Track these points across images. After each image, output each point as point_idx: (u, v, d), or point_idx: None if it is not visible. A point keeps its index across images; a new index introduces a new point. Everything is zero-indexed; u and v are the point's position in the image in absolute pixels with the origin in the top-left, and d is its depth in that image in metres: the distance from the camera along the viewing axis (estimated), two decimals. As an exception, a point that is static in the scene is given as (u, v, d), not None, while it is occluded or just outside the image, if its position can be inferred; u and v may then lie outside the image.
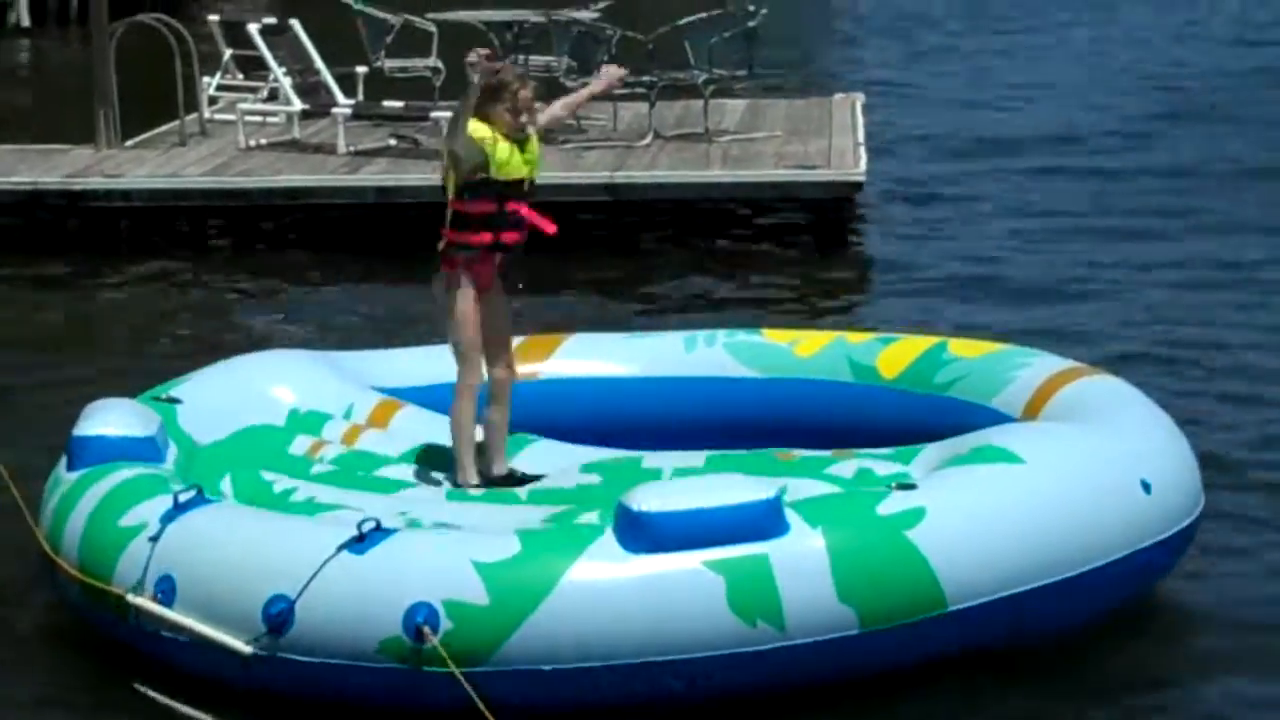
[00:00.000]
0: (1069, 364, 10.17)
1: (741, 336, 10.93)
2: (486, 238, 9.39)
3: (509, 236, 9.46)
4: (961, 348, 10.45)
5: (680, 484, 8.50)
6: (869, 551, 8.02)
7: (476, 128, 9.29)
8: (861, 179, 17.21)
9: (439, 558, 7.97)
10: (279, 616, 7.89)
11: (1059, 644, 8.48)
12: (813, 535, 7.99)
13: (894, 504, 8.21)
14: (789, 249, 17.37)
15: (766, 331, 11.07)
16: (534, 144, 9.54)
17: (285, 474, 9.36)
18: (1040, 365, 10.09)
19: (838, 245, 17.27)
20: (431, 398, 10.35)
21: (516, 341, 10.96)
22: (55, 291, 16.17)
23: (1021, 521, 8.32)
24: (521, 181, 9.45)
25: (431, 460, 9.71)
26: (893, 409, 10.12)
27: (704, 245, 17.39)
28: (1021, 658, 8.37)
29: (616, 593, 7.84)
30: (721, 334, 10.97)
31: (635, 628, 7.81)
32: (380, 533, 8.02)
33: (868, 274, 16.64)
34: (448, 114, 17.53)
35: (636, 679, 7.84)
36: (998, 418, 9.59)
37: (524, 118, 9.42)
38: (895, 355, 10.50)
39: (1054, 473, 8.52)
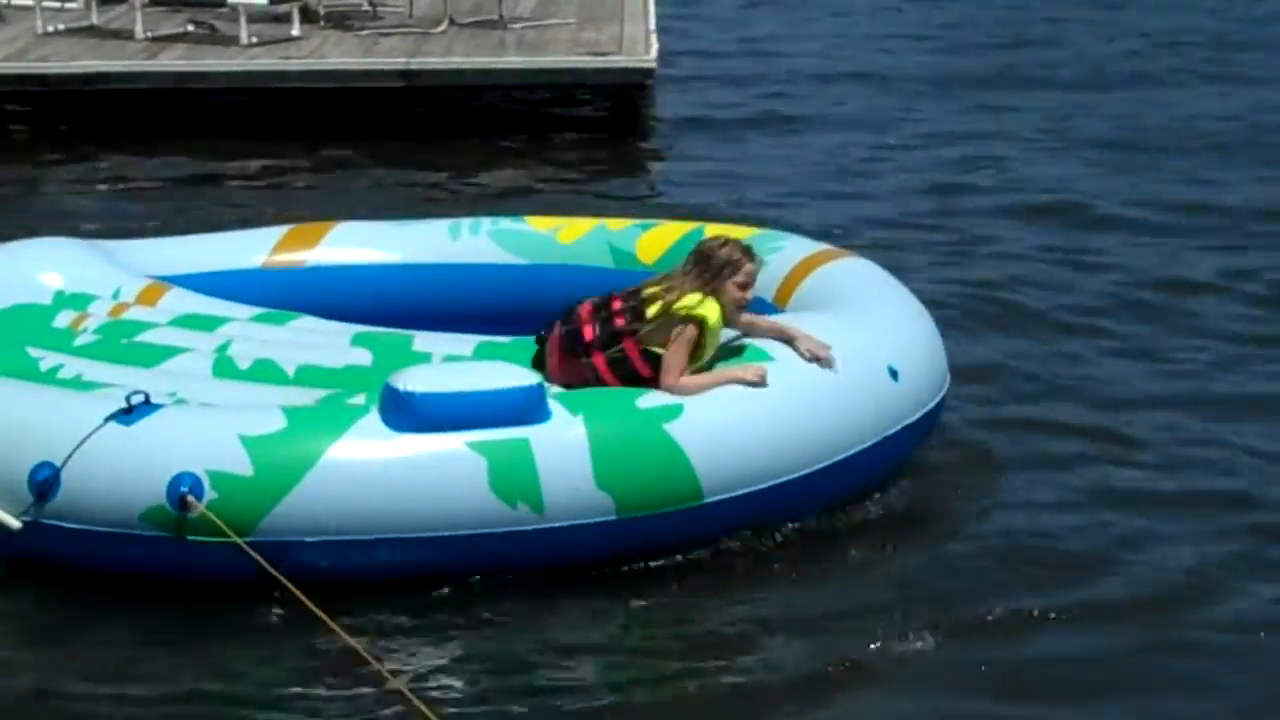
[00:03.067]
0: (819, 247, 10.21)
1: (505, 223, 10.90)
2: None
3: None
4: (717, 232, 10.22)
5: (446, 367, 8.51)
6: (628, 442, 8.05)
7: (713, 308, 8.44)
8: (653, 65, 17.24)
9: (205, 430, 7.92)
10: (45, 484, 7.84)
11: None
12: (574, 423, 8.01)
13: (653, 399, 8.23)
14: (582, 134, 17.41)
15: (530, 219, 11.01)
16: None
17: (50, 349, 9.18)
18: (792, 249, 10.10)
19: (631, 130, 17.33)
20: (201, 284, 10.29)
21: (284, 230, 10.94)
22: None
23: (774, 416, 8.33)
24: None
25: (196, 324, 9.55)
26: None
27: (498, 131, 17.35)
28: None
29: (380, 469, 7.83)
30: (486, 221, 10.94)
31: (398, 504, 7.82)
32: (148, 406, 8.00)
33: (662, 159, 16.72)
34: (247, 0, 17.64)
35: (399, 553, 7.89)
36: (753, 302, 9.51)
37: (749, 293, 8.66)
38: (654, 240, 10.53)
39: (805, 368, 8.52)
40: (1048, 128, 17.81)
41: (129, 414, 7.94)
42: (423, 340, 9.31)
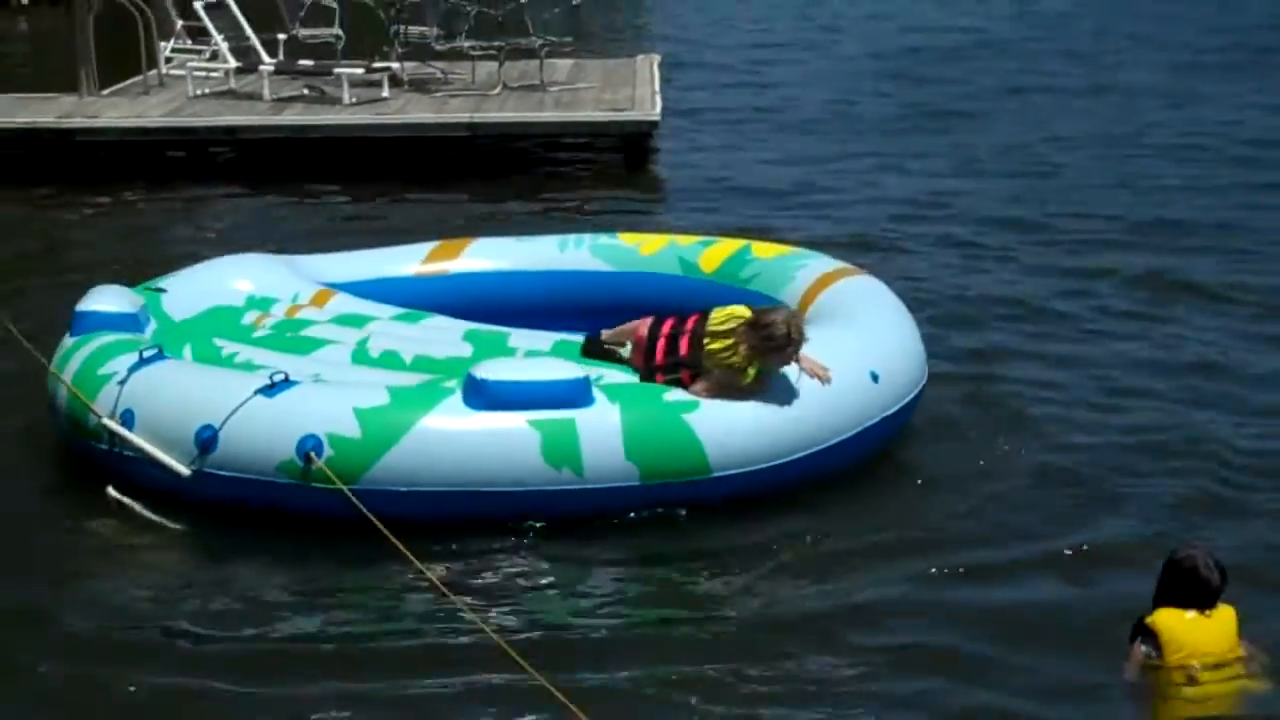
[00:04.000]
0: (836, 265, 9.97)
1: (602, 239, 10.80)
2: None
3: None
4: (760, 249, 10.31)
5: (515, 361, 8.46)
6: (653, 426, 7.97)
7: (754, 369, 8.21)
8: (657, 118, 17.31)
9: (327, 402, 7.98)
10: (207, 441, 7.94)
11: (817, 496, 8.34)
12: (611, 409, 7.97)
13: (677, 394, 8.18)
14: (606, 170, 17.40)
15: (621, 235, 10.91)
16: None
17: (233, 340, 9.23)
18: (814, 266, 9.89)
19: (641, 167, 17.37)
20: (361, 289, 10.27)
21: (432, 245, 10.77)
22: (51, 208, 15.87)
23: (771, 412, 8.20)
24: None
25: (349, 322, 9.51)
26: (710, 298, 9.46)
27: (542, 168, 17.37)
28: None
29: (457, 437, 7.85)
30: (587, 237, 10.86)
31: (470, 464, 7.82)
32: (286, 383, 8.07)
33: (664, 188, 16.70)
34: (348, 70, 17.70)
35: (470, 502, 7.86)
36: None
37: (792, 360, 8.28)
38: (713, 255, 10.37)
39: (799, 376, 8.34)
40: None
41: (271, 389, 8.01)
42: (516, 337, 9.23)
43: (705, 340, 8.31)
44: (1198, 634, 6.49)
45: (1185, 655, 6.46)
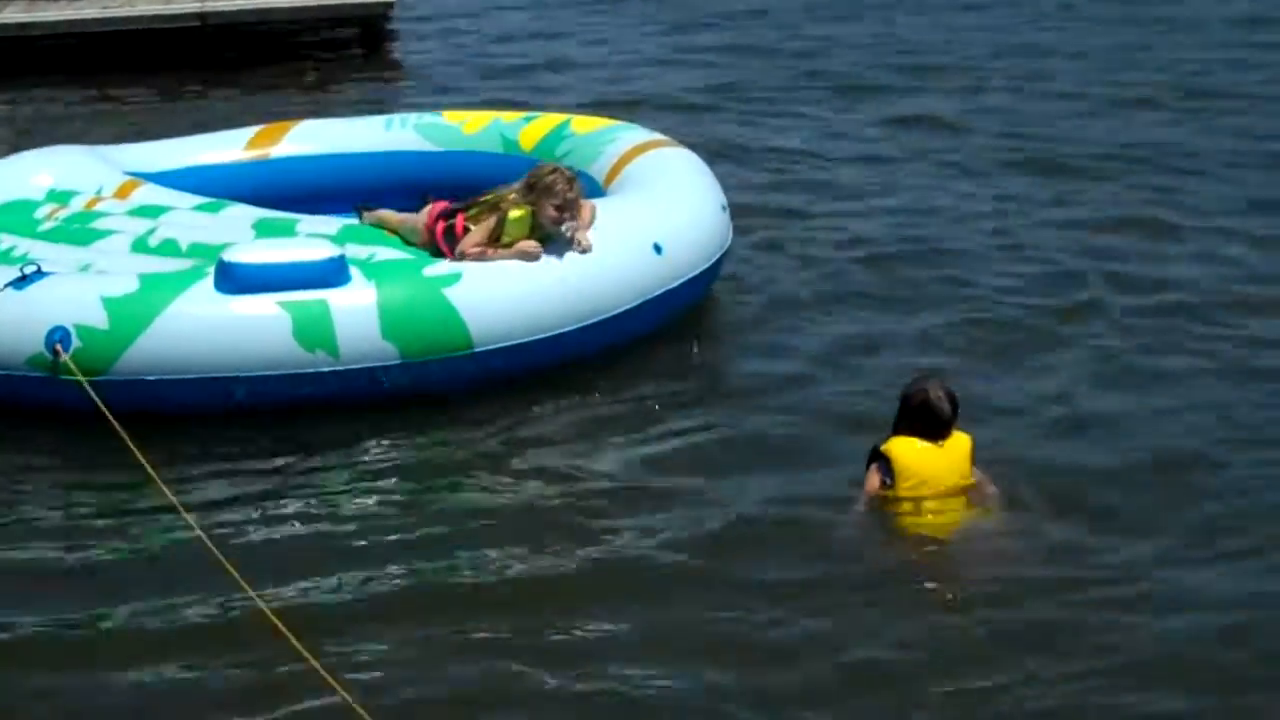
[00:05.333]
0: (647, 138, 9.84)
1: (427, 118, 10.67)
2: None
3: None
4: (579, 124, 10.18)
5: (269, 243, 8.31)
6: (411, 302, 7.95)
7: (520, 213, 8.31)
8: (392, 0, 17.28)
9: (77, 293, 7.93)
10: None
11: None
12: (367, 287, 7.95)
13: (439, 268, 8.13)
14: (343, 55, 17.34)
15: (446, 113, 10.74)
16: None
17: (15, 234, 9.01)
18: (624, 139, 9.75)
19: (379, 50, 17.35)
20: (178, 179, 10.11)
21: (253, 130, 10.56)
22: None
23: (539, 283, 8.16)
24: None
25: (144, 213, 9.29)
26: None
27: (275, 57, 17.10)
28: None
29: (205, 323, 7.83)
30: (412, 116, 10.75)
31: (218, 350, 7.80)
32: (39, 274, 8.02)
33: (404, 70, 16.70)
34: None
35: (218, 389, 7.85)
36: (590, 183, 9.17)
37: (567, 214, 8.27)
38: (533, 131, 10.24)
39: (567, 236, 8.29)
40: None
41: (22, 280, 7.96)
42: (305, 223, 9.01)
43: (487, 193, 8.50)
44: (929, 461, 6.94)
45: (916, 483, 6.91)
